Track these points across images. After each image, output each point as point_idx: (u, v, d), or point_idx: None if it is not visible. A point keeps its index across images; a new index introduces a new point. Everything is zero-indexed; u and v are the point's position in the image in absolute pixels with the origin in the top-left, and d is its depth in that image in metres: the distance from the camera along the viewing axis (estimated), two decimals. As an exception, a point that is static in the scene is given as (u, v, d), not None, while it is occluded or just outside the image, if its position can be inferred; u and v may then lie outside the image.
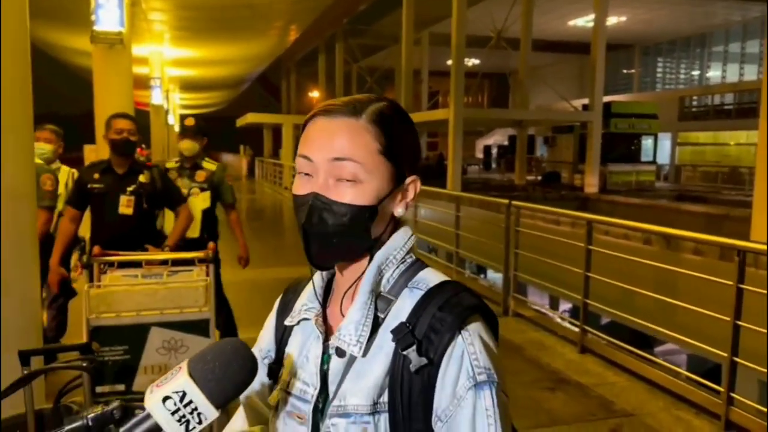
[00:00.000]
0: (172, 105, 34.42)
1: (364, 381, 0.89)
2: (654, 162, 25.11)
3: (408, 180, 0.95)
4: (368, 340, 0.89)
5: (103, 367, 2.76)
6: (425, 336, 0.86)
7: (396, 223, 0.98)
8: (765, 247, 3.88)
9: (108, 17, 9.10)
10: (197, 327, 2.88)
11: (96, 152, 8.44)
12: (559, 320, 6.10)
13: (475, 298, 0.91)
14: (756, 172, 8.98)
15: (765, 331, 3.45)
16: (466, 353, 0.85)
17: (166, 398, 0.77)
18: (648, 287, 4.89)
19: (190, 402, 0.77)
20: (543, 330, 5.56)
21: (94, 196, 3.67)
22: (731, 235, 4.33)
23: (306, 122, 0.93)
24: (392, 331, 0.87)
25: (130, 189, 3.64)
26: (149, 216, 3.76)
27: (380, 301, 0.92)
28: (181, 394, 0.77)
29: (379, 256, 0.94)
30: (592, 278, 5.11)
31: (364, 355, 0.90)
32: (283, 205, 18.93)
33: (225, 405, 0.81)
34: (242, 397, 1.09)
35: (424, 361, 0.85)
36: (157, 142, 22.70)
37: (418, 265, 0.96)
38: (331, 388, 0.92)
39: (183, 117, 4.91)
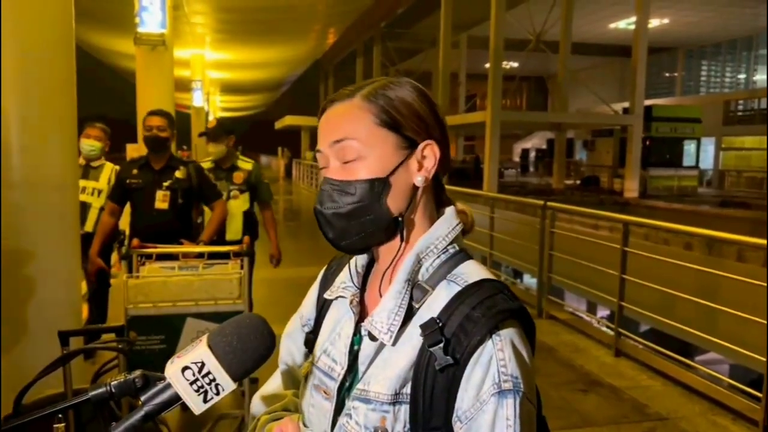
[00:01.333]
0: (213, 107, 34.97)
1: (389, 370, 0.87)
2: (697, 167, 24.50)
3: (421, 146, 0.92)
4: (400, 328, 0.88)
5: (140, 356, 2.83)
6: (454, 335, 0.84)
7: (438, 205, 0.97)
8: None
9: (151, 19, 9.36)
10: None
11: (138, 151, 8.64)
12: (594, 323, 6.01)
13: (513, 302, 0.88)
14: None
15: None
16: (495, 359, 0.82)
17: (185, 368, 0.79)
18: (688, 294, 4.77)
19: (209, 373, 0.79)
20: (577, 333, 5.49)
21: (132, 191, 3.77)
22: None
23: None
24: (421, 326, 0.86)
25: (166, 184, 3.72)
26: (185, 211, 3.82)
27: (417, 290, 0.90)
28: (199, 364, 0.79)
29: (419, 244, 0.92)
30: (630, 284, 5.02)
31: (394, 343, 0.88)
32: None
33: (242, 378, 0.82)
34: (281, 362, 1.10)
35: (449, 360, 0.82)
36: (198, 144, 23.07)
37: (460, 257, 0.93)
38: (361, 369, 0.91)
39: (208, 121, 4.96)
